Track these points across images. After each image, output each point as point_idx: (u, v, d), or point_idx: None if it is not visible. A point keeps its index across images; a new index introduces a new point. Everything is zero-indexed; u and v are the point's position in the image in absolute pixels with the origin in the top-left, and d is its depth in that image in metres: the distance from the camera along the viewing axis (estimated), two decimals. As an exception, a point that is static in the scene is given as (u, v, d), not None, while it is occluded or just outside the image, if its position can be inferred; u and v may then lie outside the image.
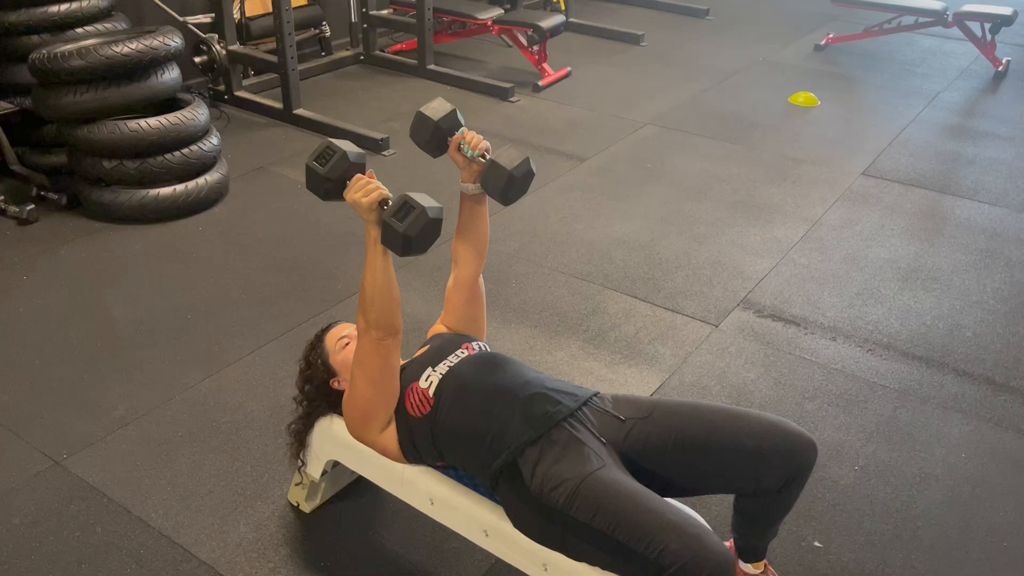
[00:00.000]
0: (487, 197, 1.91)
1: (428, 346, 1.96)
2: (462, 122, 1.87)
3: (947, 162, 4.35)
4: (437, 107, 1.85)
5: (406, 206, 1.57)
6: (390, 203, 1.61)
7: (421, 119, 1.85)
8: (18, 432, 2.41)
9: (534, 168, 1.80)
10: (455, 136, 1.85)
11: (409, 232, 1.55)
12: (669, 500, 1.62)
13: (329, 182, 1.67)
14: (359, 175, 1.67)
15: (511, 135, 4.50)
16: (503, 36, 5.45)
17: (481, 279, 2.03)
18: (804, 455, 1.67)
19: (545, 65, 5.25)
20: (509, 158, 1.77)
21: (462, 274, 1.99)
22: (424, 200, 1.58)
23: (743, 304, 3.12)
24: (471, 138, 1.84)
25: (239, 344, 2.81)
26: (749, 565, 1.87)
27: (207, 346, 2.80)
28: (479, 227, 1.97)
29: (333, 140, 1.70)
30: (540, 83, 5.14)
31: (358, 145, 1.78)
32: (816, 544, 2.13)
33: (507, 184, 1.77)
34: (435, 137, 1.85)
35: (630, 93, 5.15)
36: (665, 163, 4.26)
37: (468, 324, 2.02)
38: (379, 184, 1.66)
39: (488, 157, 1.81)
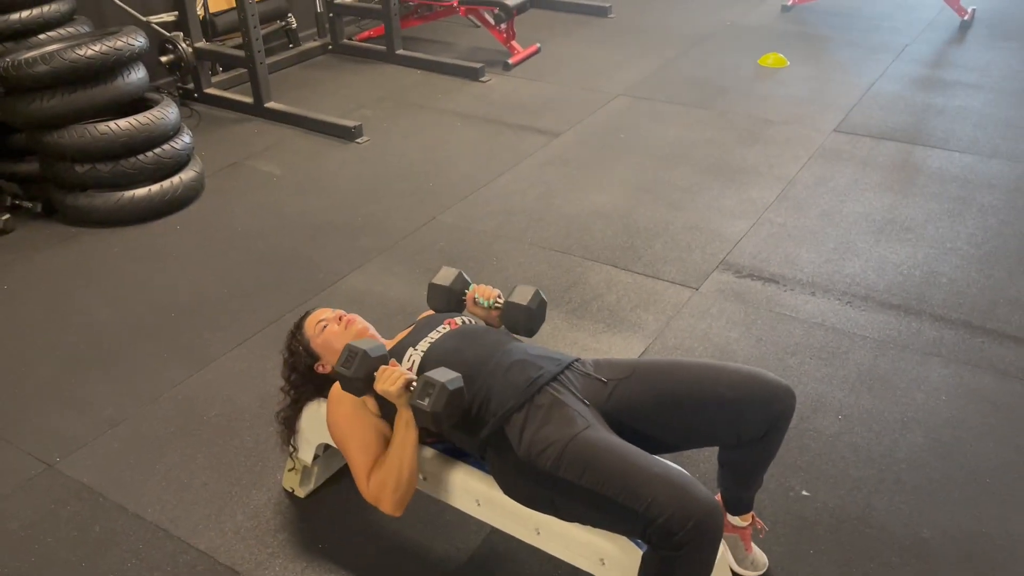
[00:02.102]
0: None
1: (413, 326, 1.98)
2: (469, 280, 2.02)
3: (917, 113, 4.39)
4: (444, 275, 2.01)
5: (427, 386, 1.66)
6: (414, 385, 1.69)
7: (434, 289, 2.01)
8: (8, 438, 2.42)
9: (545, 297, 1.95)
10: (468, 293, 2.00)
11: (436, 408, 1.63)
12: (654, 456, 1.65)
13: (358, 381, 1.75)
14: (383, 367, 1.75)
15: (484, 115, 4.50)
16: (470, 16, 5.44)
17: None
18: (783, 403, 1.70)
19: (514, 43, 5.24)
20: (523, 295, 1.92)
21: None
22: (442, 375, 1.66)
23: (722, 266, 3.15)
24: (483, 291, 1.98)
25: (223, 339, 2.82)
26: (737, 518, 1.91)
27: (191, 343, 2.81)
28: None
29: (354, 343, 1.77)
30: (510, 61, 5.13)
31: (331, 133, 1.81)
32: (804, 493, 2.17)
33: (527, 318, 1.92)
34: (451, 300, 2.00)
35: (600, 66, 5.15)
36: (638, 133, 4.27)
37: None
38: (403, 371, 1.73)
39: (503, 301, 1.95)
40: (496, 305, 1.97)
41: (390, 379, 1.71)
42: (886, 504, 2.13)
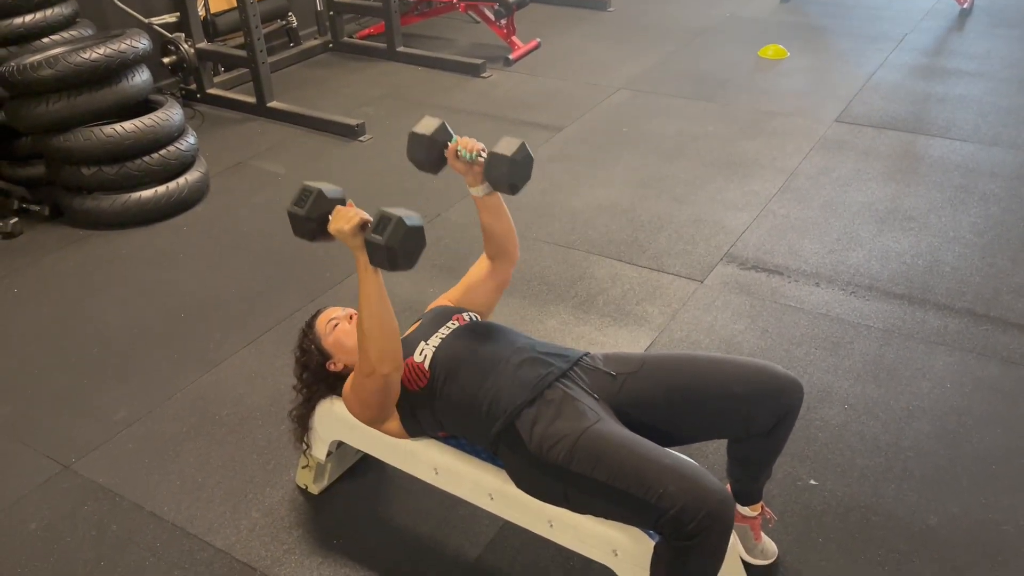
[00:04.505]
0: (499, 195, 1.93)
1: (421, 320, 2.01)
2: (453, 132, 1.89)
3: (918, 103, 4.40)
4: (426, 124, 1.88)
5: (383, 220, 1.60)
6: (370, 225, 1.65)
7: (414, 138, 1.88)
8: (24, 441, 2.45)
9: (532, 152, 1.83)
10: (451, 146, 1.88)
11: (391, 243, 1.58)
12: (665, 448, 1.67)
13: (311, 222, 1.70)
14: (339, 207, 1.71)
15: (486, 111, 4.52)
16: (470, 12, 5.45)
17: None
18: (791, 396, 1.72)
19: (514, 38, 5.25)
20: (507, 146, 1.79)
21: (499, 272, 2.06)
22: (400, 211, 1.61)
23: (726, 258, 3.17)
24: (465, 143, 1.86)
25: (233, 339, 2.84)
26: (746, 508, 1.93)
27: (202, 343, 2.83)
28: (502, 225, 2.00)
29: (308, 182, 1.73)
30: (510, 57, 5.14)
31: (334, 131, 1.80)
32: (812, 482, 2.20)
33: (510, 171, 1.78)
34: (431, 152, 1.88)
35: (601, 60, 5.16)
36: (640, 127, 4.29)
37: (481, 308, 2.07)
38: (359, 210, 1.70)
39: (486, 154, 1.83)
40: (479, 159, 1.83)
41: (345, 217, 1.68)
42: (894, 492, 2.16)
